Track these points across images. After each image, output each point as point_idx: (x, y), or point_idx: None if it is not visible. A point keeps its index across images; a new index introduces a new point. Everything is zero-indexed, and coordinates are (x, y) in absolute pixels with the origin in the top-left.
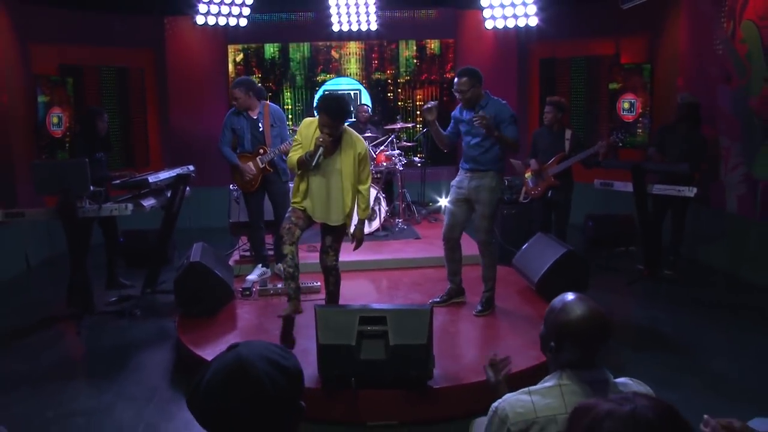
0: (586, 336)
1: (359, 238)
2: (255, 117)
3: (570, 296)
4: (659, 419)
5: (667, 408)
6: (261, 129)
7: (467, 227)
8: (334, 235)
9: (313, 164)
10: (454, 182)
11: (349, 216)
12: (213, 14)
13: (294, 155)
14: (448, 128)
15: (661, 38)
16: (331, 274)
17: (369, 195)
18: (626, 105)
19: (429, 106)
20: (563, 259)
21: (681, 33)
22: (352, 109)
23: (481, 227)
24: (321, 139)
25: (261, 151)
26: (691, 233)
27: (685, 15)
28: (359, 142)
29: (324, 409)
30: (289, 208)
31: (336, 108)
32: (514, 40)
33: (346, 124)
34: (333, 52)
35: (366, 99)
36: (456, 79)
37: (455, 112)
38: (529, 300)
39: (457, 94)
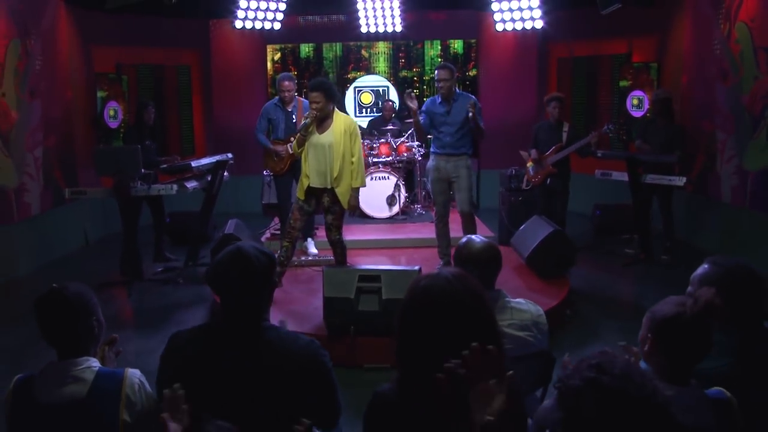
0: (484, 261)
1: (352, 204)
2: (290, 110)
3: (472, 236)
4: (454, 276)
5: (462, 272)
6: (294, 120)
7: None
8: (333, 214)
9: (304, 132)
10: (430, 166)
11: (342, 186)
12: (250, 19)
13: (294, 143)
14: (422, 120)
15: (669, 38)
16: (337, 247)
17: (361, 167)
18: (635, 101)
19: (409, 92)
20: (550, 237)
21: (685, 34)
22: (337, 91)
23: (465, 199)
24: (308, 113)
25: (292, 139)
26: (690, 221)
27: (688, 17)
28: (348, 119)
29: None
30: (292, 206)
31: (319, 85)
32: (534, 40)
33: (354, 116)
34: (363, 51)
35: (393, 95)
36: (438, 72)
37: (428, 106)
38: (520, 273)
39: (439, 83)
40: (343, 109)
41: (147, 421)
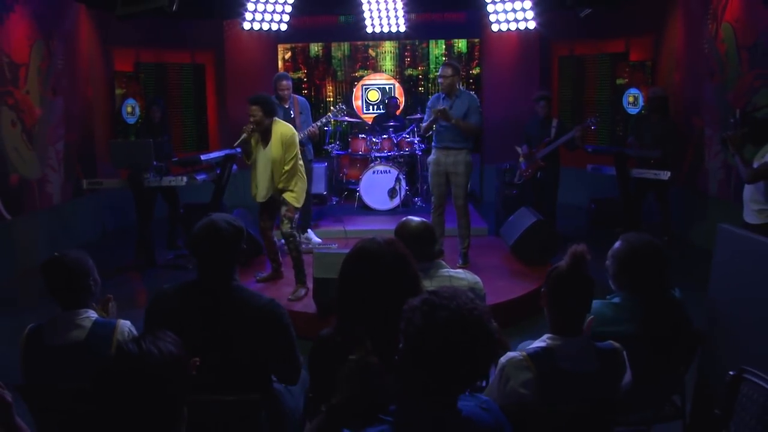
0: (418, 235)
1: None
2: (287, 107)
3: (409, 217)
4: (384, 241)
5: (393, 239)
6: (292, 116)
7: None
8: (287, 206)
9: (241, 144)
10: (431, 160)
11: (285, 190)
12: (258, 21)
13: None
14: (426, 116)
15: (663, 38)
16: (289, 241)
17: (292, 174)
18: (631, 99)
19: (444, 108)
20: (533, 227)
21: (678, 33)
22: (275, 104)
23: (459, 195)
24: (245, 126)
25: None
26: (682, 215)
27: (681, 17)
28: (285, 129)
29: (318, 329)
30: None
31: (257, 99)
32: (537, 39)
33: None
34: (370, 51)
35: (398, 93)
36: (441, 69)
37: (432, 102)
38: (506, 260)
39: (439, 79)
40: (350, 106)
41: None
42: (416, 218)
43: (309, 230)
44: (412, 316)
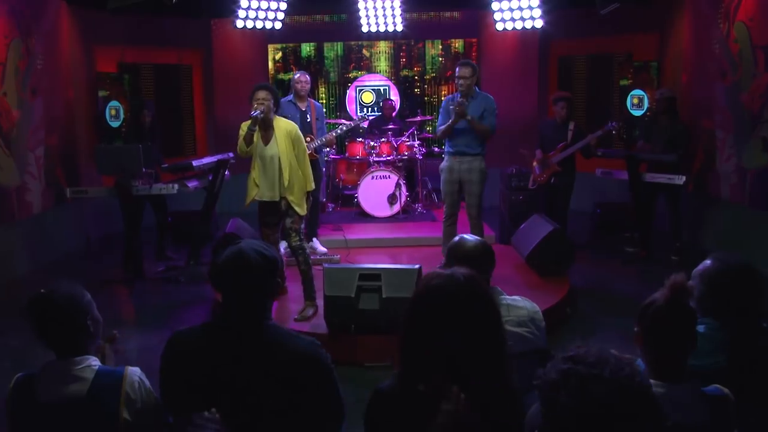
0: (477, 258)
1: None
2: (304, 109)
3: (464, 235)
4: (465, 279)
5: (473, 274)
6: (309, 120)
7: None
8: (291, 218)
9: (252, 127)
10: (443, 167)
11: (295, 194)
12: (251, 18)
13: (239, 143)
14: (440, 120)
15: (669, 37)
16: (298, 254)
17: (308, 169)
18: (635, 100)
19: (462, 101)
20: (550, 236)
21: (685, 32)
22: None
23: (473, 203)
24: (256, 106)
25: (308, 138)
26: (691, 220)
27: (688, 15)
28: (289, 124)
29: (329, 352)
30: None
31: (266, 86)
32: (536, 39)
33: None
34: (364, 51)
35: (393, 94)
36: (459, 69)
37: (447, 102)
38: (520, 271)
39: (458, 80)
40: (344, 109)
41: (147, 418)
42: (472, 237)
43: (314, 239)
44: (555, 396)
